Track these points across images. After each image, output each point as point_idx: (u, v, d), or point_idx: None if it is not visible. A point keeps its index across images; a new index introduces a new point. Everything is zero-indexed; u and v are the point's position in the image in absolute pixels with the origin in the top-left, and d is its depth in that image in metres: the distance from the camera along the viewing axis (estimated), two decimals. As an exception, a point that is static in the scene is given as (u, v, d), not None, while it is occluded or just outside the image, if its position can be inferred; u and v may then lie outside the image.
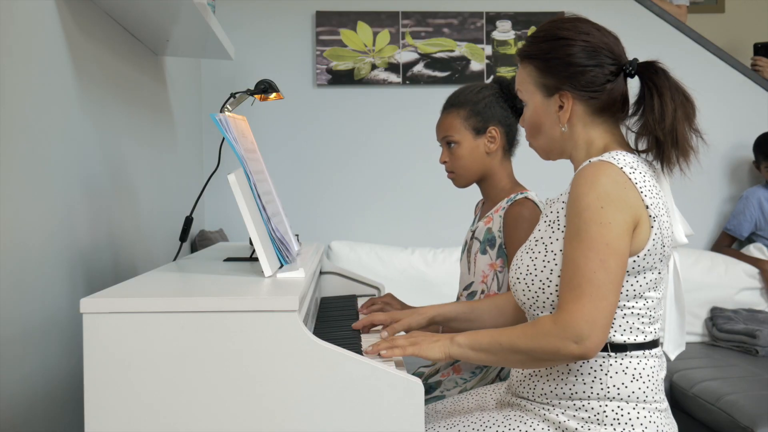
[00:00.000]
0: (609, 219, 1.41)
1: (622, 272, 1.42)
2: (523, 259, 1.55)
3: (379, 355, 1.51)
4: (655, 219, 1.46)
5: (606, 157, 1.48)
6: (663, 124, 1.49)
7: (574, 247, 1.43)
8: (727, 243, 3.88)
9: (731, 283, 3.63)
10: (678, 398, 3.00)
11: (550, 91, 1.56)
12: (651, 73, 1.54)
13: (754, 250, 3.76)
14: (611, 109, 1.56)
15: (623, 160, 1.48)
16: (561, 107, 1.56)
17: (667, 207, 1.53)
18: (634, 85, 1.58)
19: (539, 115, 1.59)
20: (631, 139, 1.58)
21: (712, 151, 4.33)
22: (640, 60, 1.57)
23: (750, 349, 3.30)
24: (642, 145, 1.56)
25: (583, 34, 1.55)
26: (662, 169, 1.54)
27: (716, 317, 3.55)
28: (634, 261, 1.45)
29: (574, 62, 1.53)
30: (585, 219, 1.42)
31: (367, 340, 1.75)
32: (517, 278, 1.55)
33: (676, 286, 1.61)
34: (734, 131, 3.95)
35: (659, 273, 1.50)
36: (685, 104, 1.51)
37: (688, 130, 1.51)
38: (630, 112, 1.58)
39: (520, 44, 1.65)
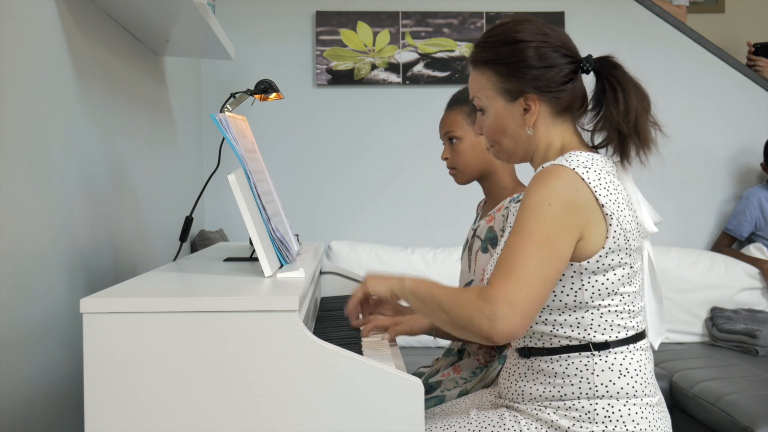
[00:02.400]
0: (554, 216, 1.41)
1: (555, 270, 1.41)
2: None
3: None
4: (612, 216, 1.45)
5: (559, 160, 1.49)
6: (627, 118, 1.50)
7: (514, 234, 1.43)
8: (727, 243, 3.88)
9: (731, 283, 3.63)
10: (678, 398, 3.00)
11: (513, 96, 1.55)
12: (610, 68, 1.54)
13: (754, 250, 3.76)
14: (572, 108, 1.57)
15: (576, 160, 1.48)
16: (526, 110, 1.55)
17: (630, 200, 1.53)
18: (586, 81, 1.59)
19: (503, 121, 1.58)
20: (586, 135, 1.59)
21: (711, 151, 4.32)
22: (595, 56, 1.57)
23: (750, 349, 3.30)
24: (598, 140, 1.57)
25: (540, 35, 1.55)
26: (621, 162, 1.54)
27: (716, 317, 3.55)
28: (597, 260, 1.45)
29: (537, 64, 1.53)
30: (529, 212, 1.43)
31: (367, 341, 1.75)
32: None
33: (651, 275, 1.61)
34: (733, 131, 3.95)
35: (630, 267, 1.49)
36: (643, 98, 1.53)
37: (650, 123, 1.53)
38: (589, 107, 1.58)
39: (470, 49, 1.64)
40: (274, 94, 2.37)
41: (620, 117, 1.50)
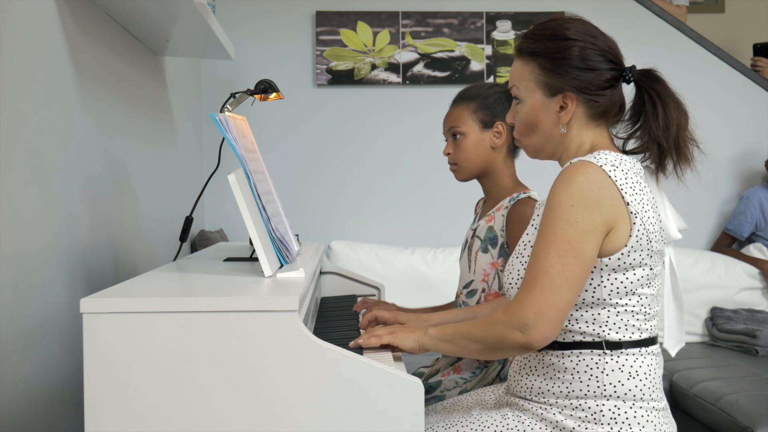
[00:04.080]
0: (576, 218, 1.42)
1: (581, 271, 1.43)
2: (514, 265, 1.56)
3: (360, 347, 1.54)
4: (637, 215, 1.46)
5: (588, 157, 1.50)
6: (668, 132, 1.52)
7: (539, 240, 1.46)
8: (728, 243, 3.88)
9: (731, 283, 3.63)
10: (678, 398, 3.00)
11: (552, 91, 1.55)
12: (652, 81, 1.55)
13: (754, 250, 3.76)
14: (608, 114, 1.57)
15: (604, 158, 1.49)
16: (562, 108, 1.55)
17: (655, 203, 1.54)
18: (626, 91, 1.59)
19: (537, 114, 1.58)
20: (618, 142, 1.60)
21: (711, 151, 4.32)
22: (639, 67, 1.58)
23: (750, 349, 3.30)
24: (630, 146, 1.58)
25: (590, 37, 1.55)
26: (657, 174, 1.56)
27: (716, 317, 3.55)
28: (619, 258, 1.46)
29: (582, 65, 1.53)
30: (554, 215, 1.44)
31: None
32: (510, 284, 1.56)
33: (672, 282, 1.62)
34: (733, 132, 3.95)
35: (651, 269, 1.49)
36: (682, 114, 1.55)
37: (688, 139, 1.55)
38: (626, 116, 1.59)
39: (518, 38, 1.64)
40: (274, 94, 2.37)
41: (659, 131, 1.52)
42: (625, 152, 1.59)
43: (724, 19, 5.24)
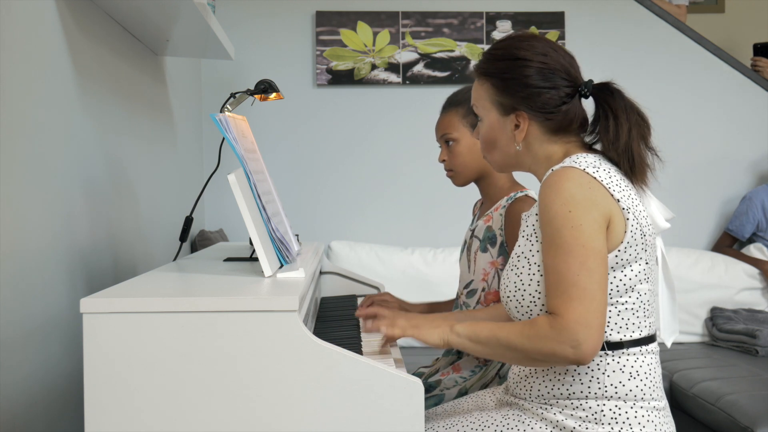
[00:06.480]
0: (579, 221, 1.42)
1: (603, 270, 1.43)
2: (509, 277, 1.56)
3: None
4: (629, 210, 1.46)
5: (567, 162, 1.50)
6: (617, 144, 1.51)
7: (552, 255, 1.44)
8: (729, 243, 3.88)
9: (731, 283, 3.63)
10: (678, 398, 3.00)
11: (506, 110, 1.58)
12: (606, 94, 1.55)
13: (754, 250, 3.76)
14: (569, 128, 1.58)
15: (584, 161, 1.49)
16: (517, 126, 1.57)
17: (641, 196, 1.54)
18: (589, 105, 1.60)
19: (494, 132, 1.60)
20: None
21: (711, 150, 4.32)
22: (596, 81, 1.58)
23: (750, 349, 3.30)
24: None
25: (540, 55, 1.55)
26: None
27: (716, 317, 3.55)
28: (616, 255, 1.46)
29: (531, 83, 1.54)
30: (556, 226, 1.43)
31: (367, 340, 1.75)
32: (508, 297, 1.56)
33: (664, 271, 1.63)
34: (734, 132, 3.95)
35: (647, 263, 1.50)
36: (640, 124, 1.53)
37: (644, 148, 1.53)
38: (588, 131, 1.60)
39: (478, 59, 1.66)
40: (274, 94, 2.37)
41: (609, 144, 1.52)
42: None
43: (724, 19, 5.24)
